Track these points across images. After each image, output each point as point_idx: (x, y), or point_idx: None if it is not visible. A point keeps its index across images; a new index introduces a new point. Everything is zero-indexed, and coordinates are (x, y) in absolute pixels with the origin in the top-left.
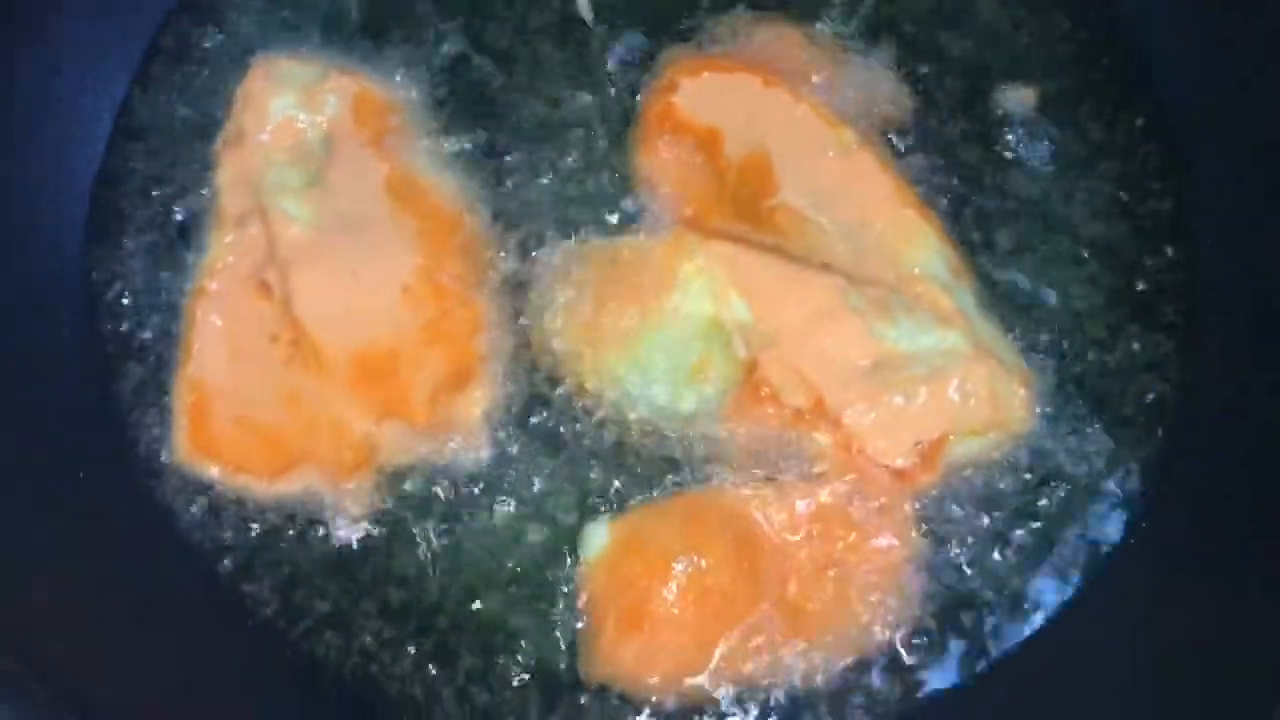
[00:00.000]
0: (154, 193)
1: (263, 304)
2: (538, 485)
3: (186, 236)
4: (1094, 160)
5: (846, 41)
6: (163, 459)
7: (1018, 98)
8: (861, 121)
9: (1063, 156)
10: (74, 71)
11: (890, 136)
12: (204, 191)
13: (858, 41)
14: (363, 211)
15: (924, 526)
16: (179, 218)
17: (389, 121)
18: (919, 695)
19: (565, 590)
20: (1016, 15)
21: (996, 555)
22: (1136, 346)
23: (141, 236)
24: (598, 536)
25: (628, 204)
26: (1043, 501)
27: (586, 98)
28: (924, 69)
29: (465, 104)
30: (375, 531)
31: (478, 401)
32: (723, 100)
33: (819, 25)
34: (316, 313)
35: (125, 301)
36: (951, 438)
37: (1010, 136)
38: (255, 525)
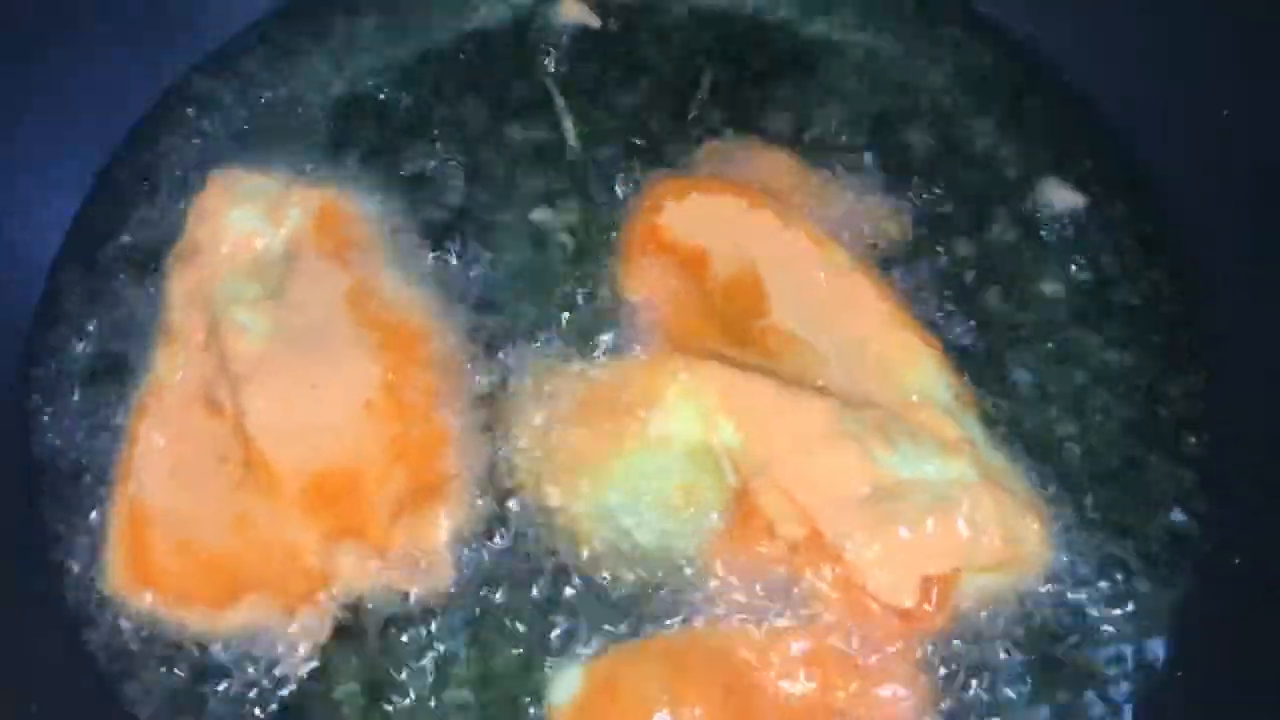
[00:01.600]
0: (95, 314)
1: (212, 423)
2: (501, 622)
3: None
4: (1106, 288)
5: (839, 165)
6: (94, 589)
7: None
8: (856, 244)
9: (1072, 285)
10: (26, 183)
11: (886, 262)
12: (151, 310)
13: (853, 165)
14: (323, 324)
15: (938, 673)
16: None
17: (354, 233)
18: None
19: None
20: (1010, 148)
21: (1016, 705)
22: (1158, 479)
23: (85, 349)
24: (568, 682)
25: (610, 323)
26: (1064, 645)
27: (569, 217)
28: (923, 195)
29: (437, 218)
30: (321, 677)
31: (442, 526)
32: (709, 221)
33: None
34: (271, 430)
35: (64, 423)
36: (961, 574)
37: (1014, 263)
38: (183, 669)
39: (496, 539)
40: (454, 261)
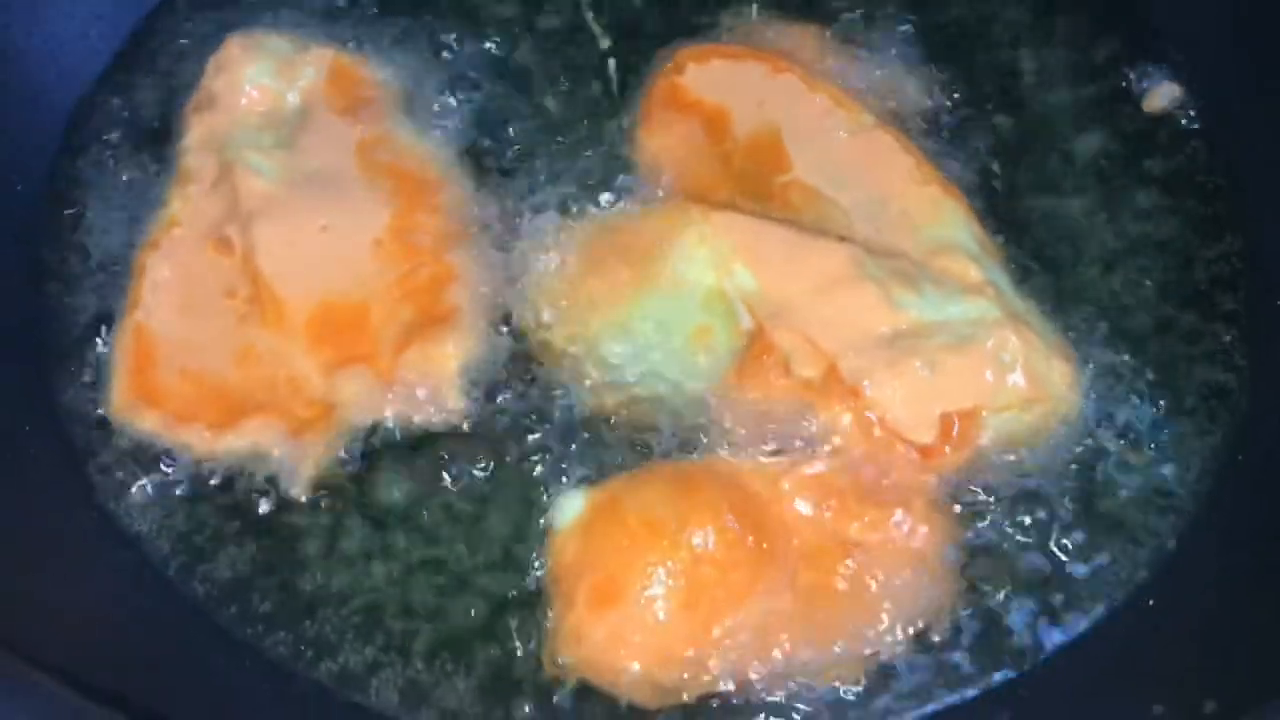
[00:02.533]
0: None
1: (221, 259)
2: (510, 454)
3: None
4: (1141, 159)
5: (870, 42)
6: (95, 413)
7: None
8: (883, 112)
9: (1108, 154)
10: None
11: (914, 131)
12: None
13: (884, 44)
14: (334, 170)
15: (955, 511)
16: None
17: (367, 92)
18: (947, 700)
19: (537, 573)
20: (1045, 27)
21: (1037, 547)
22: (1195, 335)
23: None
24: (572, 505)
25: (626, 180)
26: (1090, 491)
27: (588, 84)
28: (956, 70)
29: (453, 82)
30: (324, 502)
31: (450, 356)
32: (731, 82)
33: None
34: (279, 265)
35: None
36: (984, 413)
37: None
38: (185, 488)
39: (504, 374)
40: (468, 118)
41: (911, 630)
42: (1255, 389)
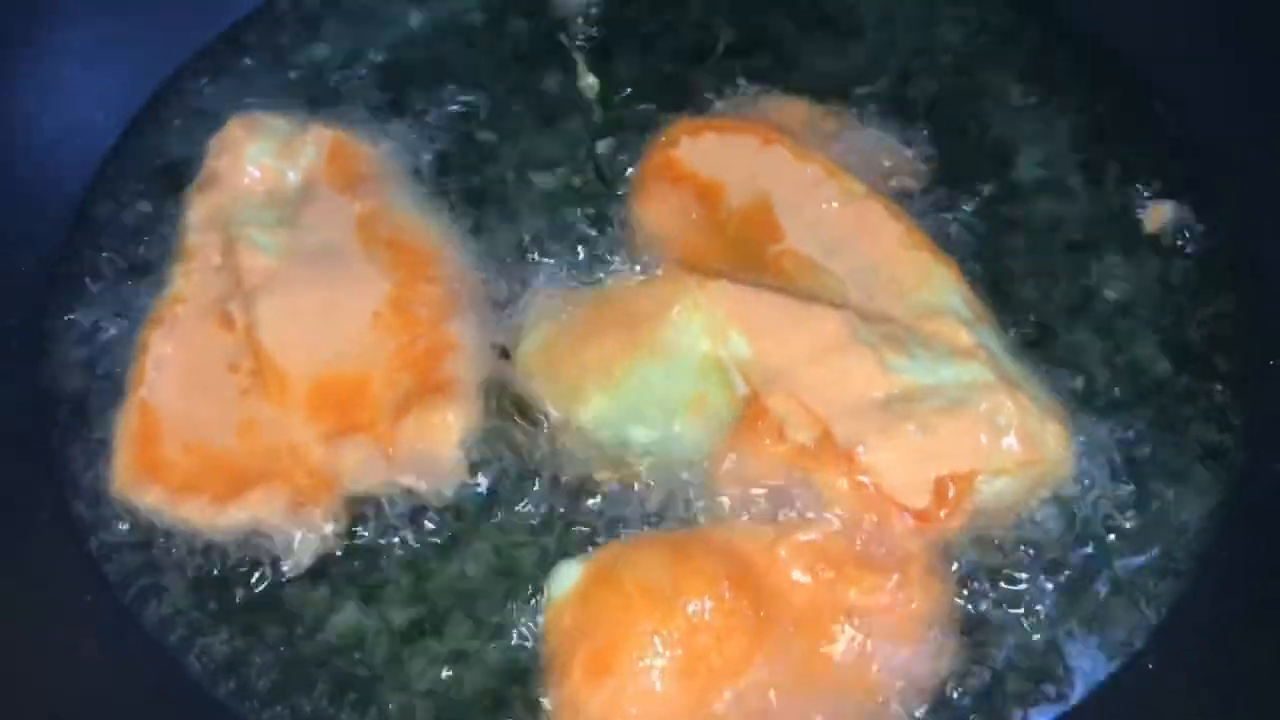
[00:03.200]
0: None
1: (223, 335)
2: (506, 525)
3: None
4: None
5: (858, 115)
6: (98, 488)
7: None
8: (870, 178)
9: (1101, 212)
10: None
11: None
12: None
13: (871, 115)
14: (334, 245)
15: (951, 577)
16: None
17: (366, 169)
18: None
19: (535, 644)
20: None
21: (1033, 612)
22: (1189, 396)
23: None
24: (568, 574)
25: (621, 249)
26: (1086, 553)
27: (582, 156)
28: (942, 141)
29: (449, 156)
30: (322, 576)
31: (449, 426)
32: (724, 154)
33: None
34: (281, 338)
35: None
36: (979, 476)
37: (1034, 202)
38: (185, 563)
39: (503, 449)
40: (465, 192)
41: (905, 704)
42: (1249, 447)
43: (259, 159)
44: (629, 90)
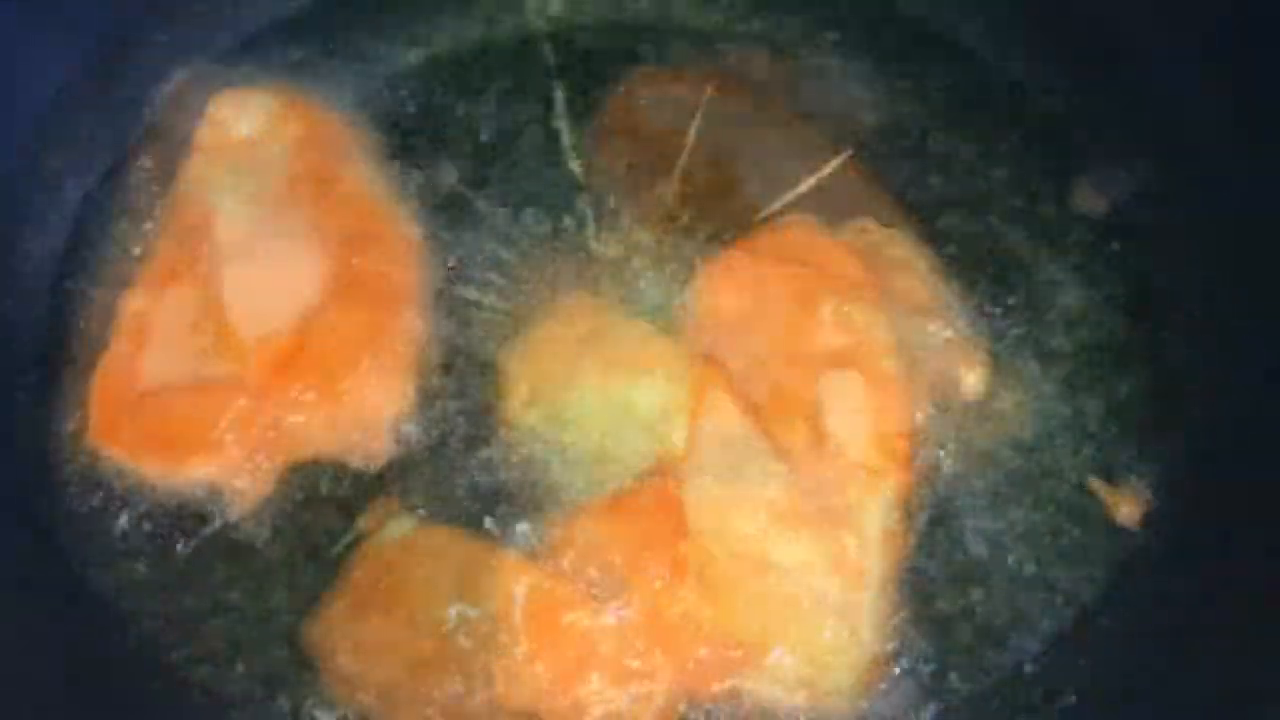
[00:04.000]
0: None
1: (189, 295)
2: (438, 495)
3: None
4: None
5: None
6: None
7: None
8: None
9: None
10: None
11: None
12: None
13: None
14: (305, 218)
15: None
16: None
17: (343, 146)
18: None
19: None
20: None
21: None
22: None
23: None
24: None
25: (578, 204)
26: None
27: (539, 107)
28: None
29: (421, 143)
30: (264, 530)
31: (393, 401)
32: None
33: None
34: (243, 305)
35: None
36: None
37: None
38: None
39: (449, 425)
40: (438, 170)
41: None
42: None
43: (243, 132)
44: (588, 42)
